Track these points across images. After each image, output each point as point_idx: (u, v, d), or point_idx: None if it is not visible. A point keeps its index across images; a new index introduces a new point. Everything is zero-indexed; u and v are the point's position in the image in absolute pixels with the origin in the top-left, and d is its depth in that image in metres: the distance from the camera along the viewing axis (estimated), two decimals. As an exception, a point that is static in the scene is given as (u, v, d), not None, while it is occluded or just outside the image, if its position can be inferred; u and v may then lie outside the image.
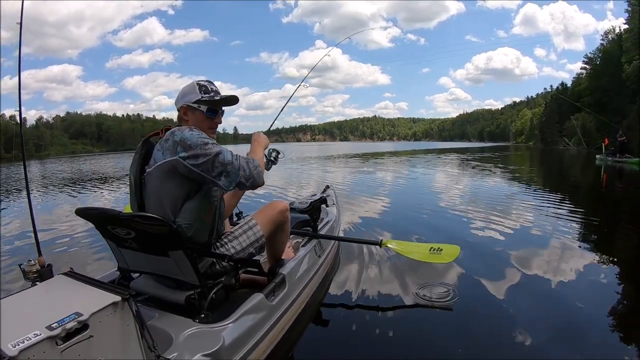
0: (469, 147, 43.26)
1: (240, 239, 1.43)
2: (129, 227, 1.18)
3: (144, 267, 1.36)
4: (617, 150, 12.54)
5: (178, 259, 1.21)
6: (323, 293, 2.03)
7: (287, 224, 1.64)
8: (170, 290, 1.31)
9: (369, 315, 1.85)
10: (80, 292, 0.97)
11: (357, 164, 14.83)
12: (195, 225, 1.26)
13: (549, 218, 3.98)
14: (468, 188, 6.95)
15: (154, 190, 1.25)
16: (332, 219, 2.46)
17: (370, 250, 2.70)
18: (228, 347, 1.14)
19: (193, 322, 1.17)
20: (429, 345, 1.60)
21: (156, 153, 1.27)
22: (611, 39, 26.45)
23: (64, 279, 1.05)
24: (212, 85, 1.39)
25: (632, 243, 3.21)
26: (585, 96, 27.70)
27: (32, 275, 1.32)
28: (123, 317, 0.92)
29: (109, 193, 7.88)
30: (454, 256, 1.99)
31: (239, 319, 1.24)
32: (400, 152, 28.51)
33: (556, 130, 34.66)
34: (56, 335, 0.78)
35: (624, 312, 1.89)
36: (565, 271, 2.38)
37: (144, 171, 1.29)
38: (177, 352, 1.02)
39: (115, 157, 35.61)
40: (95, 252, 2.98)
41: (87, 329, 0.84)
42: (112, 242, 1.33)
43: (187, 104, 1.33)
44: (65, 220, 4.53)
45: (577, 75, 34.53)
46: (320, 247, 2.06)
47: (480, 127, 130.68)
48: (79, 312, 0.84)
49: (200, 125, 1.32)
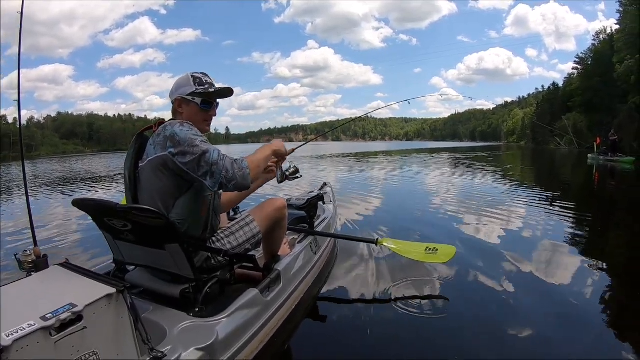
0: (461, 147, 43.38)
1: (236, 234, 1.43)
2: (126, 219, 1.17)
3: (140, 259, 1.36)
4: (609, 150, 12.62)
5: (174, 252, 1.21)
6: (318, 289, 2.03)
7: (285, 221, 1.64)
8: (165, 284, 1.31)
9: (363, 312, 1.86)
10: (75, 283, 0.96)
11: (352, 163, 14.87)
12: (188, 220, 1.26)
13: (544, 216, 4.03)
14: (463, 187, 6.98)
15: (147, 185, 1.25)
16: (328, 216, 2.46)
17: (366, 248, 2.71)
18: (222, 341, 1.14)
19: (187, 315, 1.17)
20: (423, 343, 1.61)
21: (149, 147, 1.26)
22: (602, 39, 26.75)
23: (60, 269, 1.05)
24: (207, 77, 1.36)
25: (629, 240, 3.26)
26: (576, 96, 28.05)
27: (27, 266, 1.32)
28: (117, 309, 0.92)
29: (103, 191, 7.82)
30: (450, 256, 2.00)
31: (233, 314, 1.24)
32: (393, 151, 28.51)
33: (547, 130, 35.02)
34: (50, 325, 0.78)
35: (620, 310, 1.91)
36: (561, 269, 2.41)
37: (137, 166, 1.29)
38: (170, 345, 1.02)
39: (107, 157, 35.12)
40: (91, 243, 2.96)
41: (81, 320, 0.84)
42: (108, 234, 1.32)
43: (181, 96, 1.32)
44: (62, 213, 4.50)
45: (568, 75, 35.08)
46: (316, 244, 2.07)
47: (472, 127, 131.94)
48: (73, 303, 0.84)
49: (195, 117, 1.31)
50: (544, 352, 1.48)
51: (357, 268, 2.42)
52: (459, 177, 8.85)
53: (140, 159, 1.30)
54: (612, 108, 21.74)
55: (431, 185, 7.28)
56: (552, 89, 41.84)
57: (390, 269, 2.37)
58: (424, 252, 2.02)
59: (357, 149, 39.41)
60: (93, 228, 1.39)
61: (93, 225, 1.34)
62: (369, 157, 19.78)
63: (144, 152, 1.28)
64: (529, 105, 71.45)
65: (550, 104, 38.30)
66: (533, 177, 9.68)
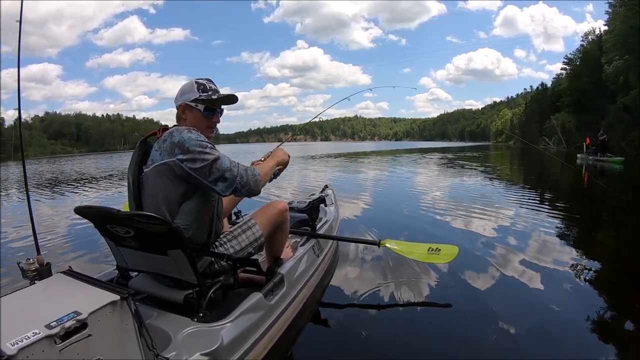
0: (450, 147, 43.70)
1: (239, 238, 1.42)
2: (128, 226, 1.17)
3: (143, 266, 1.35)
4: (598, 150, 12.74)
5: (177, 257, 1.20)
6: (321, 292, 2.03)
7: (287, 224, 1.64)
8: (168, 289, 1.30)
9: (366, 314, 1.86)
10: (79, 291, 0.95)
11: (343, 164, 14.91)
12: (193, 225, 1.25)
13: (542, 216, 4.08)
14: (455, 187, 7.06)
15: (152, 190, 1.25)
16: (330, 218, 2.45)
17: (369, 250, 2.71)
18: (226, 346, 1.13)
19: (191, 321, 1.16)
20: (426, 345, 1.61)
21: (154, 153, 1.26)
22: (591, 40, 27.11)
23: (63, 277, 1.04)
24: (211, 83, 1.38)
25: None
26: (565, 96, 28.39)
27: (30, 274, 1.31)
28: (122, 316, 0.91)
29: (99, 192, 7.70)
30: (452, 256, 1.99)
31: (237, 318, 1.23)
32: (384, 151, 28.55)
33: (536, 129, 35.65)
34: (55, 334, 0.77)
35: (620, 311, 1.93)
36: (558, 267, 2.44)
37: (142, 171, 1.28)
38: (175, 351, 1.01)
39: (96, 158, 34.36)
40: (93, 250, 2.93)
41: (85, 328, 0.83)
42: (111, 240, 1.31)
43: (185, 103, 1.33)
44: (63, 219, 4.43)
45: (557, 75, 35.58)
46: (319, 246, 2.06)
47: (460, 126, 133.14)
48: (77, 311, 0.83)
49: (198, 124, 1.32)
50: (544, 352, 1.50)
51: (360, 270, 2.42)
52: (454, 178, 8.93)
53: (144, 164, 1.29)
54: (601, 108, 21.97)
55: (425, 185, 7.33)
56: (541, 89, 42.56)
57: (392, 270, 2.38)
58: (427, 253, 2.02)
59: (347, 148, 39.32)
60: (96, 234, 1.37)
61: (96, 231, 1.32)
62: (359, 157, 19.78)
63: (148, 158, 1.28)
64: (517, 106, 72.65)
65: (538, 104, 39.09)
66: (527, 177, 9.73)
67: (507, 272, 2.38)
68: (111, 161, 24.06)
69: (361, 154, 23.64)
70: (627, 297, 2.06)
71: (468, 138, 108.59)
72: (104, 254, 2.67)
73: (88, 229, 3.38)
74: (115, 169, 15.05)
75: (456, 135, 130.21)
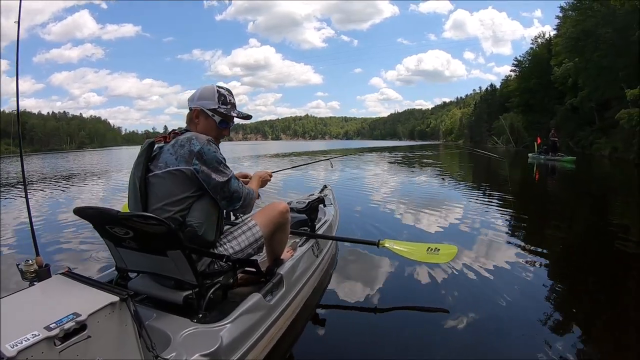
0: (400, 146, 44.03)
1: (239, 239, 1.42)
2: (128, 227, 1.17)
3: (142, 266, 1.35)
4: (549, 149, 12.89)
5: (176, 258, 1.20)
6: (321, 293, 2.03)
7: (287, 225, 1.64)
8: (168, 290, 1.30)
9: (366, 315, 1.86)
10: (78, 292, 0.96)
11: (294, 161, 14.87)
12: (205, 224, 1.28)
13: (489, 213, 4.18)
14: (403, 184, 7.21)
15: (163, 192, 1.26)
16: (329, 218, 2.45)
17: (368, 250, 2.70)
18: (226, 347, 1.14)
19: (191, 322, 1.17)
20: (425, 345, 1.61)
21: (168, 157, 1.27)
22: (540, 43, 27.84)
23: (62, 279, 1.05)
24: (231, 96, 1.43)
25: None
26: (514, 97, 29.04)
27: (29, 275, 1.32)
28: (121, 317, 0.92)
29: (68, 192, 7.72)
30: (452, 256, 1.99)
31: (236, 319, 1.23)
32: (332, 150, 28.20)
33: (485, 129, 36.46)
34: (54, 335, 0.78)
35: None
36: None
37: (148, 172, 1.30)
38: (175, 352, 1.02)
39: (44, 158, 30.09)
40: (93, 251, 2.93)
41: (85, 329, 0.84)
42: (110, 241, 1.32)
43: (202, 108, 1.37)
44: (58, 220, 4.45)
45: (505, 77, 36.27)
46: (318, 247, 2.06)
47: (411, 126, 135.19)
48: (77, 312, 0.84)
49: (209, 132, 1.37)
50: (543, 352, 1.48)
51: (359, 270, 2.42)
52: (401, 176, 9.02)
53: (150, 164, 1.31)
54: (549, 109, 22.68)
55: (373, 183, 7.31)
56: (490, 90, 43.30)
57: (391, 270, 2.37)
58: (426, 253, 2.01)
59: (296, 148, 38.82)
60: (95, 235, 1.38)
61: (95, 232, 1.33)
62: (308, 156, 19.23)
63: (157, 159, 1.30)
64: (466, 106, 73.80)
65: (487, 104, 39.96)
66: (482, 176, 9.41)
67: (509, 272, 2.35)
68: (61, 161, 21.10)
69: (309, 153, 22.95)
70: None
71: (418, 137, 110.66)
72: (103, 255, 2.68)
73: (87, 230, 3.41)
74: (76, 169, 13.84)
75: (406, 135, 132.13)
